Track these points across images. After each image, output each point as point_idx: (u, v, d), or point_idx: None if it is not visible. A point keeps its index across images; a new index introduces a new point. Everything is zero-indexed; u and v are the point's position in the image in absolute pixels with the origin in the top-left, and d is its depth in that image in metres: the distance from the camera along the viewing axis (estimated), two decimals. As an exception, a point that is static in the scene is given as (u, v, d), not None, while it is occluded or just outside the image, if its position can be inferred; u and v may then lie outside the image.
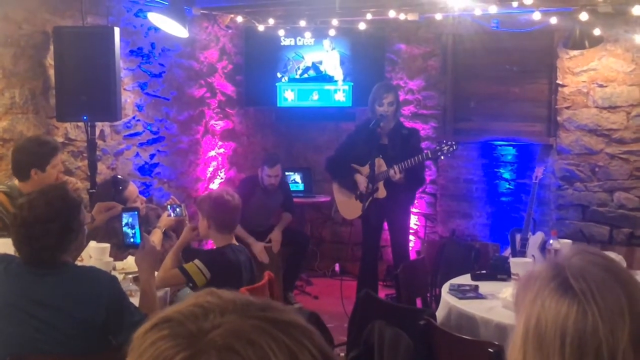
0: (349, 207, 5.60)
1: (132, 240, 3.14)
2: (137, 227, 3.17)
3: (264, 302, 0.81)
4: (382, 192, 5.35)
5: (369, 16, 6.31)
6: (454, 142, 5.25)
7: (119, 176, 4.90)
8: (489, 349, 2.79)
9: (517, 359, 1.13)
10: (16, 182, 3.96)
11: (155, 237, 4.00)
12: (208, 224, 3.74)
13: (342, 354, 3.78)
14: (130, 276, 3.56)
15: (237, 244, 3.82)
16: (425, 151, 5.44)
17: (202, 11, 6.34)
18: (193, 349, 0.73)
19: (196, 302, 0.80)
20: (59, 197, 2.65)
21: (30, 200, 2.63)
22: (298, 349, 0.75)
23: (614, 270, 1.16)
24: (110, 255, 3.61)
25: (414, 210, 6.78)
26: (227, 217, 3.73)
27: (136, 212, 3.22)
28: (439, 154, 5.29)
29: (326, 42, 6.80)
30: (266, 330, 0.75)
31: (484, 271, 4.09)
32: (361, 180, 5.41)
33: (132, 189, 4.45)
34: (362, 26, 6.44)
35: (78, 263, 3.00)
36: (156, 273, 3.29)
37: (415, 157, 5.23)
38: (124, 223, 3.17)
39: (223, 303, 0.79)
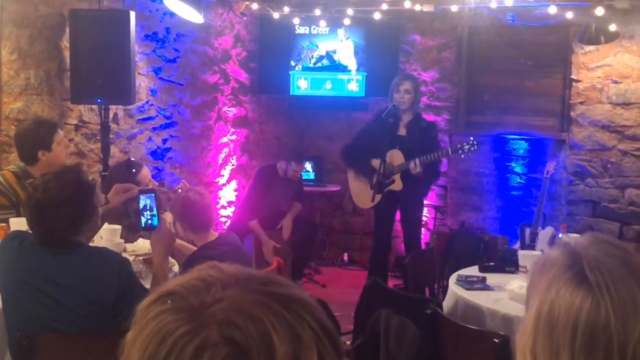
0: (364, 197, 5.55)
1: (150, 222, 3.14)
2: (155, 208, 3.17)
3: (266, 276, 0.82)
4: (398, 185, 5.34)
5: (384, 6, 6.30)
6: (475, 142, 5.22)
7: (133, 159, 4.93)
8: (495, 339, 2.79)
9: (527, 342, 1.13)
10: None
11: (167, 219, 4.02)
12: (183, 227, 3.74)
13: (348, 342, 3.79)
14: (141, 258, 3.58)
15: (216, 235, 3.73)
16: (446, 148, 5.43)
17: (217, -3, 6.36)
18: (194, 323, 0.74)
19: (199, 275, 0.80)
20: (73, 180, 2.65)
21: (45, 182, 2.62)
22: (298, 323, 0.76)
23: (631, 264, 1.15)
24: (121, 237, 3.64)
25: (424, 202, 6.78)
26: (199, 217, 3.68)
27: (153, 194, 3.22)
28: (460, 152, 5.26)
29: (341, 32, 6.78)
30: (267, 305, 0.76)
31: (492, 263, 4.09)
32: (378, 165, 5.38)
33: (145, 172, 4.46)
34: (377, 16, 6.43)
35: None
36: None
37: (436, 153, 5.22)
38: (141, 205, 3.17)
39: (225, 277, 0.79)
